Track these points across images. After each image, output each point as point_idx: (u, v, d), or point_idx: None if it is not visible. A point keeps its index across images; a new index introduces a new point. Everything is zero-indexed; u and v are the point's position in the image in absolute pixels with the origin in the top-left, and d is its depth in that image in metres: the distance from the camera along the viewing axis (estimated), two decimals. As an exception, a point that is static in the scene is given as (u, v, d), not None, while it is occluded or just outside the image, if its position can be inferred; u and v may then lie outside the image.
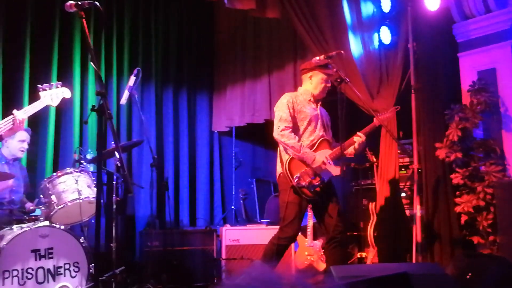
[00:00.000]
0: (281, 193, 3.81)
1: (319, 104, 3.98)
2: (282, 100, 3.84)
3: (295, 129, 3.78)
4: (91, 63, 2.35)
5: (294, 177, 3.66)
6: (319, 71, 3.86)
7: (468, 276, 3.16)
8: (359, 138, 3.82)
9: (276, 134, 3.74)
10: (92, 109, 2.27)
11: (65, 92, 3.71)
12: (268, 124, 6.44)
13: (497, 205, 3.98)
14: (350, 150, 3.88)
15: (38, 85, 3.63)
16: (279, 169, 3.84)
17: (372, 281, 2.22)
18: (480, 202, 4.32)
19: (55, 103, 3.64)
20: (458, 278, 3.22)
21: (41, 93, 3.60)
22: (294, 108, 3.79)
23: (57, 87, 3.68)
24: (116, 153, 2.47)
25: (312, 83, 3.90)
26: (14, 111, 3.47)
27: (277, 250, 3.73)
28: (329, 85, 3.91)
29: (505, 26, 4.63)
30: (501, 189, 3.94)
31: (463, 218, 4.46)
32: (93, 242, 3.32)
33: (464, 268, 3.30)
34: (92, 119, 4.94)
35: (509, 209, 3.80)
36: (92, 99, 5.61)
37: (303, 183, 3.65)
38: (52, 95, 3.63)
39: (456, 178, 4.50)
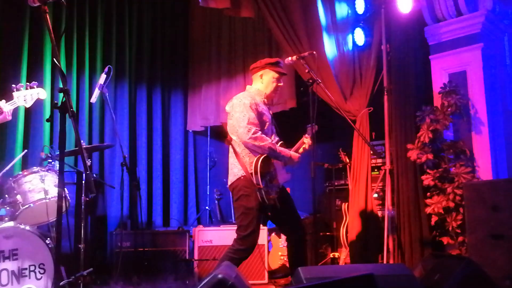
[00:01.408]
0: (243, 198, 3.49)
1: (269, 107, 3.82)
2: (242, 100, 3.58)
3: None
4: (54, 59, 2.27)
5: (263, 180, 3.42)
6: (270, 69, 3.72)
7: (436, 277, 3.19)
8: (308, 140, 3.77)
9: (246, 137, 3.45)
10: (54, 107, 2.20)
11: (40, 93, 3.59)
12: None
13: (466, 206, 4.03)
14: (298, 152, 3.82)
15: (13, 85, 3.52)
16: (238, 172, 3.53)
17: (337, 283, 2.22)
18: (450, 203, 4.37)
19: (28, 104, 3.54)
20: (426, 279, 3.25)
21: (14, 94, 3.50)
22: (257, 110, 3.58)
23: (32, 88, 3.56)
24: (81, 151, 2.41)
25: (263, 82, 3.74)
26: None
27: (236, 265, 3.34)
28: (280, 84, 3.76)
29: (476, 29, 4.69)
30: (469, 190, 3.98)
31: (433, 219, 4.50)
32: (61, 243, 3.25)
33: (432, 269, 3.34)
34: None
35: (477, 210, 3.84)
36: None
37: (269, 186, 3.48)
38: (26, 95, 3.53)
39: (427, 179, 4.54)
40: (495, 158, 4.58)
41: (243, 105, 3.54)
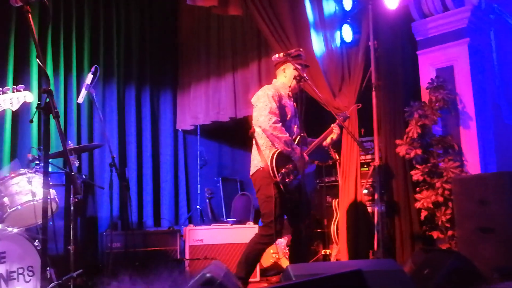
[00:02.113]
0: (262, 188, 3.63)
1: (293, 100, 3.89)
2: (266, 91, 3.69)
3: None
4: (37, 59, 2.24)
5: (279, 173, 3.54)
6: (292, 62, 3.77)
7: (425, 272, 3.21)
8: (336, 129, 3.85)
9: (267, 125, 3.55)
10: (38, 108, 2.18)
11: (27, 96, 3.54)
12: (234, 122, 6.45)
13: (455, 200, 4.06)
14: (325, 142, 3.90)
15: None
16: (258, 163, 3.67)
17: (325, 280, 2.22)
18: (439, 198, 4.39)
19: (14, 107, 3.49)
20: (417, 274, 3.26)
21: (0, 97, 3.45)
22: (280, 102, 3.69)
23: (19, 90, 3.52)
24: (68, 152, 2.39)
25: (287, 76, 3.83)
26: None
27: (260, 251, 3.63)
28: (304, 76, 3.78)
29: (462, 24, 4.72)
30: (458, 185, 4.01)
31: (423, 214, 4.53)
32: (50, 245, 3.22)
33: (422, 264, 3.35)
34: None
35: (466, 204, 3.87)
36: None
37: (287, 180, 3.56)
38: (13, 98, 3.48)
39: (416, 175, 4.56)
40: (483, 152, 4.61)
41: (267, 96, 3.66)
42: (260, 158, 3.64)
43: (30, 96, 3.56)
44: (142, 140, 6.53)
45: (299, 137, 3.77)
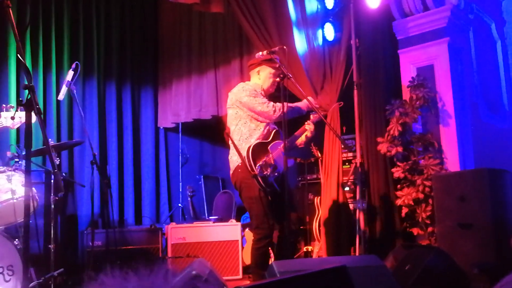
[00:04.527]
0: (244, 190, 3.65)
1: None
2: (245, 86, 3.79)
3: (254, 119, 3.74)
4: (18, 55, 2.21)
5: (257, 166, 3.55)
6: (266, 65, 3.85)
7: (407, 267, 3.25)
8: (310, 126, 3.86)
9: (270, 112, 3.70)
10: (19, 104, 2.14)
11: (22, 118, 3.55)
12: (216, 120, 6.43)
13: (435, 197, 4.11)
14: (300, 140, 3.92)
15: (3, 105, 3.54)
16: (237, 159, 3.68)
17: (311, 276, 2.23)
18: (420, 195, 4.45)
19: (15, 126, 3.58)
20: (398, 269, 3.31)
21: (3, 114, 3.49)
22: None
23: (19, 110, 3.51)
24: (48, 150, 2.36)
25: (261, 78, 3.89)
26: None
27: (264, 253, 3.60)
28: (277, 79, 3.83)
29: (442, 24, 4.78)
30: (438, 182, 4.07)
31: (404, 211, 4.58)
32: (31, 244, 3.17)
33: (403, 260, 3.40)
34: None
35: (446, 200, 3.93)
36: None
37: (265, 173, 3.57)
38: (15, 117, 3.50)
39: (397, 172, 4.61)
40: (462, 150, 4.68)
41: (248, 90, 3.75)
42: (238, 155, 3.66)
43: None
44: (123, 138, 6.48)
45: (274, 131, 3.82)
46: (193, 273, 2.24)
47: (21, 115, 3.50)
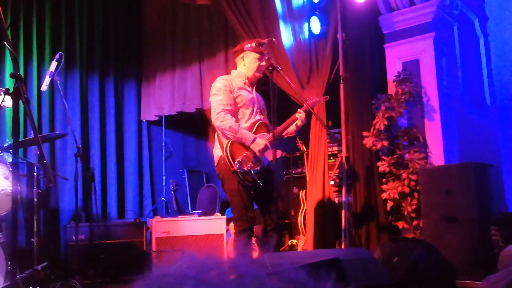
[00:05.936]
0: (225, 182, 3.63)
1: (254, 88, 3.87)
2: (217, 84, 3.71)
3: (232, 114, 3.65)
4: (5, 42, 2.14)
5: (236, 161, 3.52)
6: (251, 50, 3.76)
7: (394, 260, 3.28)
8: (301, 114, 3.78)
9: (213, 118, 3.61)
10: (6, 93, 2.07)
11: (7, 101, 3.40)
12: (200, 113, 6.38)
13: (420, 190, 4.15)
14: (291, 129, 3.85)
15: None
16: (218, 152, 3.65)
17: (303, 268, 2.23)
18: (405, 189, 4.48)
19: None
20: (385, 262, 3.33)
21: None
22: (231, 91, 3.67)
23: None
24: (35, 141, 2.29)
25: (246, 64, 3.81)
26: None
27: (242, 243, 3.60)
28: (263, 63, 3.78)
29: (428, 19, 4.81)
30: (424, 176, 4.11)
31: (389, 204, 4.61)
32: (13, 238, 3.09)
33: (390, 253, 3.43)
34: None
35: (431, 194, 3.97)
36: (10, 84, 5.25)
37: (245, 168, 3.53)
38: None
39: (382, 166, 4.64)
40: (446, 144, 4.73)
41: (217, 88, 3.69)
42: (220, 147, 3.65)
43: (9, 101, 3.41)
44: (106, 131, 6.38)
45: (257, 123, 3.75)
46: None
47: (5, 99, 3.36)
